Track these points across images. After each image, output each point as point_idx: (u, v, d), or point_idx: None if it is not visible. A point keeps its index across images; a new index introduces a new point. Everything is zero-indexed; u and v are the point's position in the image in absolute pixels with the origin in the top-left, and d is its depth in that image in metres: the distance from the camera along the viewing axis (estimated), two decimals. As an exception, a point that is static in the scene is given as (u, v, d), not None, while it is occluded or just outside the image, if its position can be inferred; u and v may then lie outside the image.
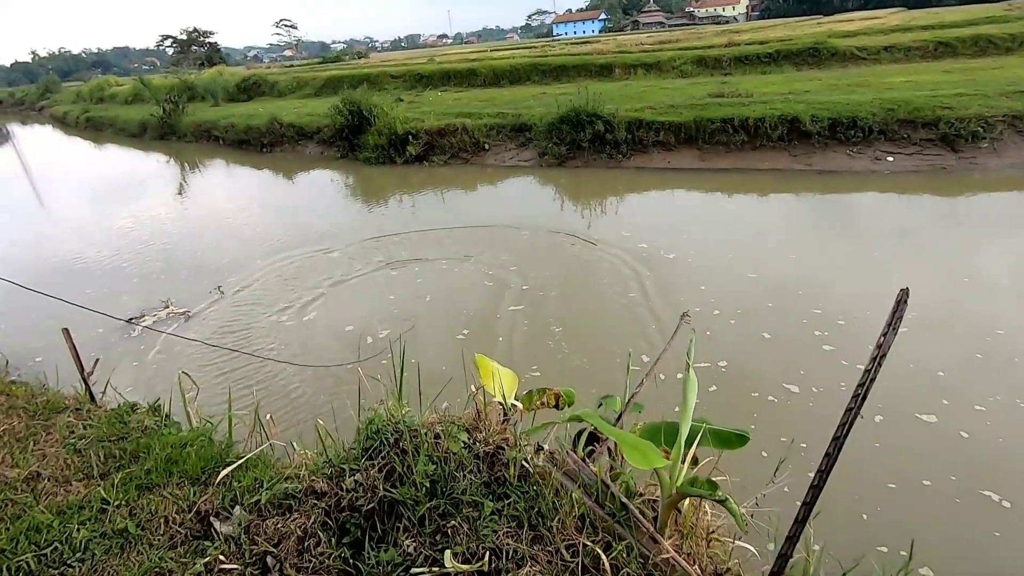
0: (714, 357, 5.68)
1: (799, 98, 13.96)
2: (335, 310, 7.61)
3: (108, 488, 2.79)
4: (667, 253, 8.44)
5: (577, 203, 11.93)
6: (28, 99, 61.03)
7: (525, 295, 7.52)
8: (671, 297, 7.08)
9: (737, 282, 7.35)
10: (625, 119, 14.08)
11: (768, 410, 4.91)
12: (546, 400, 2.50)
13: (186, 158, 22.35)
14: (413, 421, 2.34)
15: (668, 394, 5.03)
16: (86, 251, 11.28)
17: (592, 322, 6.77)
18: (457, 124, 16.22)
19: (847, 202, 10.55)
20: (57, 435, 3.30)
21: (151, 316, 7.72)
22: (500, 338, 6.47)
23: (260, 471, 2.65)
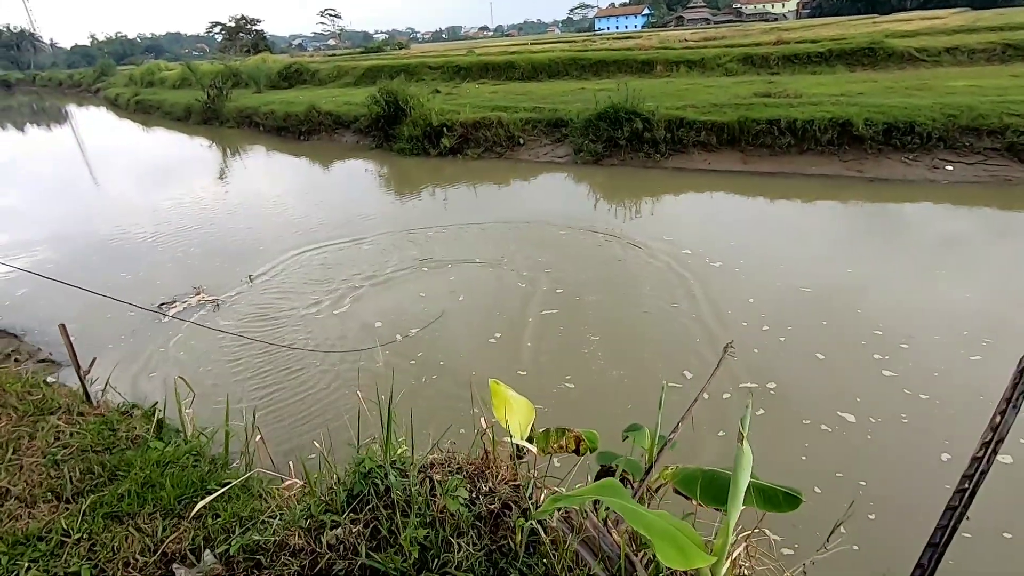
0: (762, 377, 5.28)
1: (852, 100, 13.26)
2: (364, 305, 7.47)
3: (74, 515, 2.60)
4: (713, 261, 7.97)
5: (614, 203, 11.56)
6: (85, 81, 63.41)
7: (560, 298, 7.23)
8: (718, 309, 6.65)
9: (788, 296, 6.89)
10: (665, 117, 13.63)
11: (821, 441, 4.50)
12: (565, 444, 2.24)
13: (227, 143, 22.76)
14: (408, 463, 2.11)
15: (708, 415, 4.74)
16: (129, 229, 11.58)
17: (631, 332, 6.39)
18: (493, 118, 16.01)
19: (904, 213, 9.92)
20: (41, 442, 3.16)
21: (182, 302, 7.75)
22: (530, 344, 6.21)
23: (241, 504, 2.45)
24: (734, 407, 4.89)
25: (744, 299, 6.83)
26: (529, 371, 5.68)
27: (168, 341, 6.89)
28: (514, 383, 5.35)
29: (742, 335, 6.03)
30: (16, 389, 3.89)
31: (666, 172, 13.04)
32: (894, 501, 3.87)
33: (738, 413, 4.73)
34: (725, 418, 4.75)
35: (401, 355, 6.17)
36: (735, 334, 6.05)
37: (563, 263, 8.32)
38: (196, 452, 3.14)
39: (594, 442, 2.26)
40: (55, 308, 8.06)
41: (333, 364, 6.08)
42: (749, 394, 1.64)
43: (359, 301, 7.57)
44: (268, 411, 5.35)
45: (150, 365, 6.41)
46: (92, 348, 6.92)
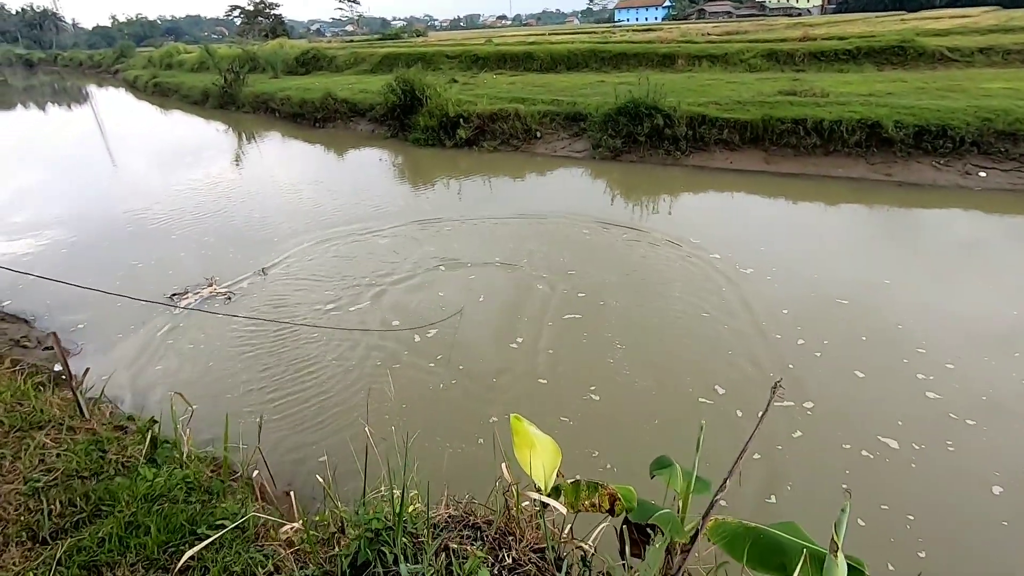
0: (799, 395, 5.02)
1: (881, 101, 12.84)
2: (380, 302, 7.30)
3: (47, 563, 2.34)
4: (743, 267, 7.64)
5: (635, 201, 11.24)
6: (105, 62, 63.79)
7: (583, 303, 6.97)
8: (750, 319, 6.35)
9: (824, 308, 6.56)
10: (686, 114, 13.31)
11: (862, 468, 4.26)
12: (598, 502, 2.04)
13: (243, 128, 22.71)
14: (420, 524, 1.91)
15: (743, 434, 4.47)
16: (145, 213, 11.64)
17: (659, 341, 6.12)
18: (510, 109, 15.76)
19: (938, 221, 9.50)
20: (24, 463, 2.95)
21: (194, 293, 7.66)
22: (551, 351, 5.98)
23: (233, 555, 2.24)
24: (772, 426, 4.65)
25: (777, 310, 6.53)
26: (550, 380, 5.48)
27: (178, 333, 6.81)
28: (535, 391, 5.23)
29: (776, 348, 5.78)
30: (6, 400, 3.71)
31: (686, 170, 12.74)
32: (946, 539, 3.65)
33: (775, 433, 4.52)
34: (759, 438, 4.49)
35: (421, 355, 6.02)
36: (769, 347, 5.81)
37: (585, 265, 8.06)
38: (189, 481, 2.93)
39: (631, 502, 2.06)
40: (67, 294, 8.02)
41: (348, 362, 5.94)
42: (846, 495, 1.41)
43: (374, 298, 7.40)
44: (277, 409, 5.23)
45: (156, 359, 6.32)
46: (100, 338, 6.90)
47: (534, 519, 2.10)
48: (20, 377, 4.47)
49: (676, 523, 2.09)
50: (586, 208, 10.56)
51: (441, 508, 2.16)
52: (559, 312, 6.76)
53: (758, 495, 4.02)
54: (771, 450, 4.42)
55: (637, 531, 2.28)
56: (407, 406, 5.13)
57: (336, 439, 4.69)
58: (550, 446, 2.16)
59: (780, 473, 4.19)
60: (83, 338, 6.93)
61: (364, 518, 1.93)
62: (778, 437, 4.53)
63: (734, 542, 2.02)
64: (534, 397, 5.24)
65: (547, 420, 4.81)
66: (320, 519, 2.36)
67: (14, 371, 4.77)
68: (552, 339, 6.19)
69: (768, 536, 2.03)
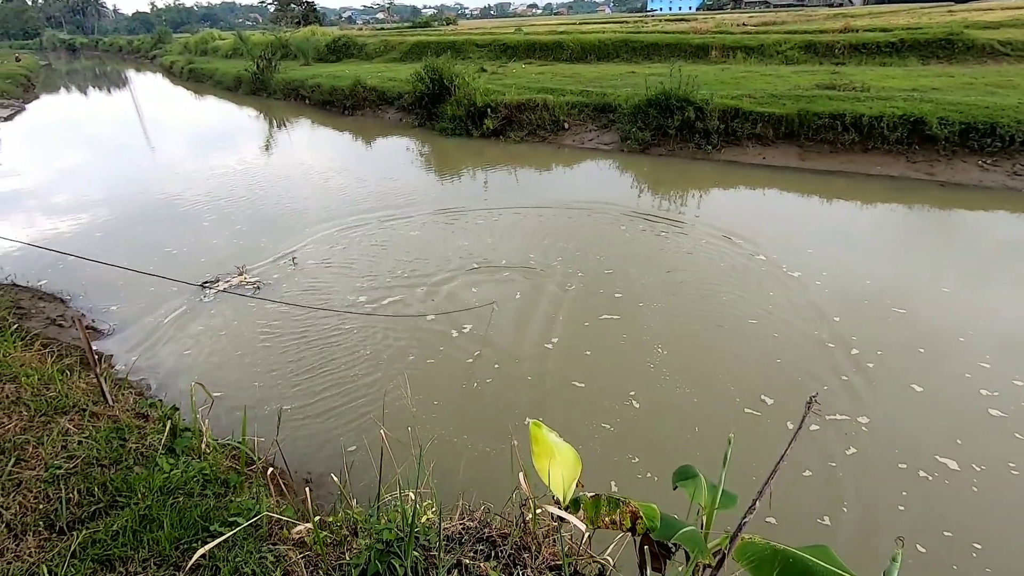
0: (853, 410, 4.77)
1: (926, 96, 12.31)
2: (412, 296, 7.20)
3: (63, 555, 2.35)
4: (791, 271, 7.28)
5: (667, 196, 10.92)
6: (143, 48, 65.31)
7: (620, 304, 6.71)
8: (800, 327, 6.04)
9: (880, 316, 6.21)
10: (719, 107, 12.95)
11: (920, 490, 4.02)
12: (619, 519, 1.94)
13: (274, 115, 22.97)
14: (433, 535, 1.86)
15: (793, 449, 4.32)
16: (179, 197, 11.87)
17: (703, 348, 5.84)
18: (538, 100, 15.58)
19: (991, 225, 8.99)
20: (46, 450, 2.99)
21: (225, 281, 7.72)
22: (588, 352, 5.79)
23: (244, 554, 2.22)
24: (825, 442, 4.44)
25: (829, 317, 6.21)
26: (588, 383, 5.30)
27: (207, 321, 6.90)
28: (572, 395, 5.10)
29: (829, 358, 5.50)
30: (33, 383, 3.78)
31: (717, 165, 12.42)
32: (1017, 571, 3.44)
33: (828, 449, 4.32)
34: (811, 454, 4.32)
35: (452, 351, 5.92)
36: (821, 357, 5.53)
37: (623, 264, 7.79)
38: (206, 473, 2.93)
39: (653, 521, 1.96)
40: (103, 276, 8.23)
41: (375, 355, 5.92)
42: (898, 543, 1.30)
43: (405, 291, 7.33)
44: (299, 399, 5.26)
45: (183, 345, 6.41)
46: (132, 321, 7.05)
47: (551, 533, 2.02)
48: (49, 360, 4.56)
49: (700, 543, 1.99)
50: (619, 202, 10.34)
51: (456, 518, 2.09)
52: (596, 312, 6.54)
53: (811, 515, 3.83)
54: (824, 467, 4.21)
55: (659, 546, 2.19)
56: (437, 403, 5.07)
57: (355, 433, 4.69)
58: (570, 455, 2.08)
59: (834, 494, 4.00)
60: (115, 320, 7.08)
61: (376, 527, 1.88)
62: (832, 453, 4.35)
63: (761, 566, 1.92)
64: (571, 401, 5.10)
65: (586, 425, 4.68)
66: (333, 520, 2.32)
67: (44, 353, 4.88)
68: (589, 341, 5.99)
69: (798, 560, 1.92)
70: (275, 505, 2.80)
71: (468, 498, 2.30)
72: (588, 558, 2.01)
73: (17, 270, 8.37)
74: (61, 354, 5.13)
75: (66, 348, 5.80)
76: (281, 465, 3.66)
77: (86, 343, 3.46)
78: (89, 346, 3.49)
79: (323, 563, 2.01)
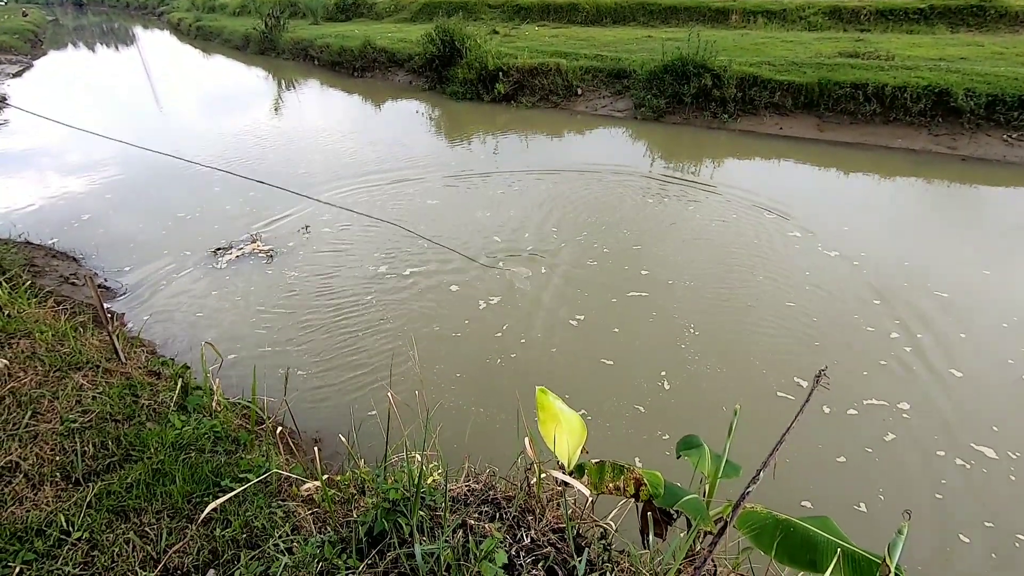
0: (892, 395, 4.69)
1: (952, 66, 11.88)
2: (428, 270, 7.05)
3: (79, 504, 2.42)
4: (827, 249, 7.12)
5: (682, 164, 10.73)
6: (150, 3, 63.98)
7: (647, 280, 6.58)
8: (838, 308, 5.89)
9: (920, 299, 6.06)
10: (737, 74, 12.60)
11: (959, 479, 3.98)
12: (623, 486, 1.95)
13: (283, 75, 22.62)
14: (439, 496, 1.87)
15: (830, 433, 4.27)
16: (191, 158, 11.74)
17: (736, 329, 5.68)
18: (551, 64, 15.21)
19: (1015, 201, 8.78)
20: (61, 404, 3.06)
21: (237, 249, 7.69)
22: (617, 329, 5.70)
23: (255, 509, 2.27)
24: (862, 427, 4.39)
25: (868, 299, 6.08)
26: (617, 362, 5.22)
27: (219, 284, 6.94)
28: (601, 374, 5.05)
29: (868, 342, 5.40)
30: (47, 340, 3.83)
31: (733, 135, 12.15)
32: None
33: (865, 435, 4.28)
34: (848, 440, 4.27)
35: (480, 322, 5.82)
36: (859, 340, 5.43)
37: (648, 237, 7.61)
38: (217, 430, 2.98)
39: (657, 488, 1.98)
40: (115, 236, 8.30)
41: (396, 322, 5.93)
42: (904, 516, 1.28)
43: (422, 264, 7.16)
44: (310, 360, 5.32)
45: (195, 307, 6.47)
46: (144, 282, 7.11)
47: (555, 497, 2.05)
48: (63, 317, 4.62)
49: (703, 510, 2.02)
50: (640, 170, 10.15)
51: (461, 480, 2.12)
52: (622, 289, 6.43)
53: (847, 501, 3.82)
54: (860, 453, 4.19)
55: (661, 512, 2.22)
56: (460, 375, 5.06)
57: (365, 399, 4.74)
58: (576, 422, 2.09)
59: (870, 479, 3.99)
60: (128, 280, 7.14)
61: (383, 486, 1.92)
62: (868, 439, 4.30)
63: (763, 534, 1.95)
64: (600, 379, 5.02)
65: (616, 404, 4.64)
66: (341, 479, 2.37)
67: (58, 310, 4.94)
68: (616, 318, 5.85)
69: (800, 530, 1.95)
70: (284, 463, 2.86)
71: (474, 462, 2.33)
72: (591, 522, 2.04)
73: (30, 228, 8.43)
74: (74, 311, 5.20)
75: (79, 306, 5.87)
76: (290, 425, 3.72)
77: (98, 301, 3.50)
78: (101, 304, 3.52)
79: (331, 520, 2.06)
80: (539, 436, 2.10)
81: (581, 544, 1.86)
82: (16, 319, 4.04)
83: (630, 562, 1.82)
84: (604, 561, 1.78)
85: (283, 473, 2.46)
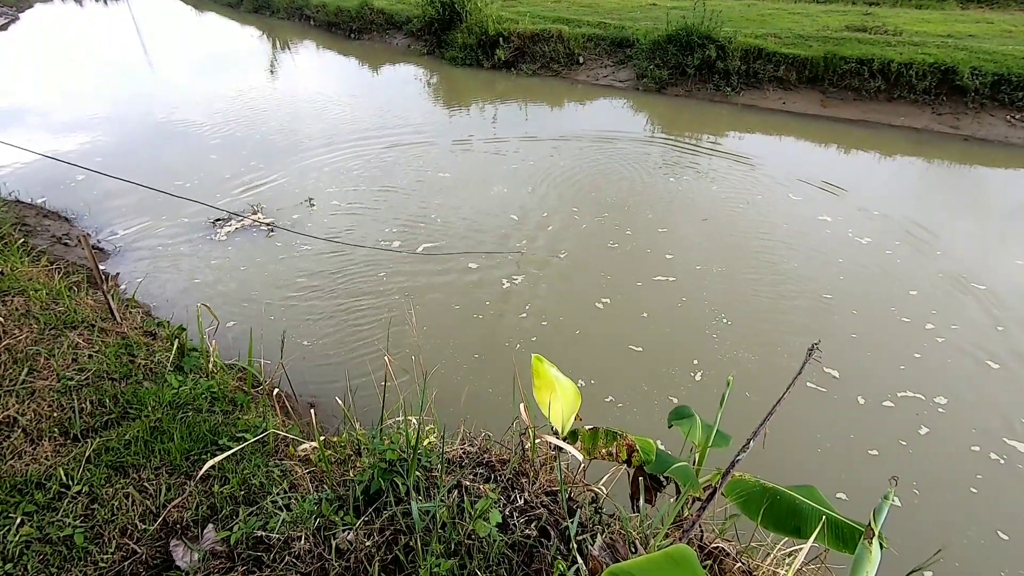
0: (928, 387, 4.59)
1: (960, 44, 11.70)
2: (446, 246, 6.83)
3: (78, 459, 2.44)
4: (859, 236, 6.89)
5: (689, 139, 10.59)
6: (138, -44, 61.76)
7: (675, 265, 6.36)
8: (875, 300, 5.72)
9: (954, 289, 5.91)
10: (741, 46, 12.36)
11: (993, 473, 3.92)
12: (616, 452, 1.98)
13: (278, 35, 22.06)
14: (435, 457, 1.90)
15: (864, 426, 4.21)
16: (181, 122, 11.54)
17: (767, 319, 5.47)
18: (553, 31, 14.88)
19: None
20: (57, 362, 3.05)
21: (238, 221, 7.47)
22: (645, 314, 5.51)
23: (252, 468, 2.30)
24: (896, 420, 4.34)
25: (903, 291, 5.88)
26: (646, 348, 5.08)
27: (216, 251, 6.88)
28: (630, 359, 4.95)
29: (903, 333, 5.30)
30: (42, 298, 3.80)
31: (735, 109, 12.00)
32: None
33: (899, 427, 4.22)
34: (881, 432, 4.21)
35: (503, 303, 5.68)
36: (895, 331, 5.32)
37: (674, 218, 7.35)
38: (214, 391, 2.99)
39: (649, 454, 2.02)
40: (106, 198, 8.19)
41: (385, 289, 5.89)
42: (891, 483, 1.29)
43: (434, 241, 6.92)
44: (308, 329, 5.32)
45: (191, 272, 6.43)
46: (137, 244, 7.05)
47: (549, 462, 2.09)
48: (57, 276, 4.59)
49: (692, 477, 2.06)
50: (660, 147, 9.98)
51: (456, 444, 2.16)
52: (647, 272, 6.22)
53: (876, 494, 3.74)
54: (894, 446, 4.14)
55: (651, 479, 2.27)
56: (478, 356, 4.95)
57: (359, 363, 4.76)
58: (570, 389, 2.12)
59: (904, 473, 3.92)
60: (121, 243, 7.08)
61: (379, 447, 1.95)
62: (903, 432, 4.24)
63: (750, 501, 2.00)
64: (630, 366, 4.89)
65: (647, 393, 4.56)
66: (338, 440, 2.40)
67: (51, 269, 4.90)
68: (644, 302, 5.68)
69: (786, 498, 2.00)
70: (281, 424, 2.89)
71: (468, 426, 2.37)
72: (583, 486, 2.08)
73: (20, 187, 8.31)
74: (67, 271, 5.16)
75: (72, 266, 5.83)
76: (286, 389, 3.74)
77: (92, 260, 3.47)
78: (96, 263, 3.50)
79: (327, 479, 2.10)
80: (534, 403, 2.13)
81: (573, 507, 1.91)
82: (9, 276, 4.02)
83: (620, 525, 1.87)
84: (595, 523, 1.83)
85: (280, 433, 2.50)
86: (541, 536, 1.82)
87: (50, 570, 2.07)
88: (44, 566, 2.08)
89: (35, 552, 2.12)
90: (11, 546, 2.12)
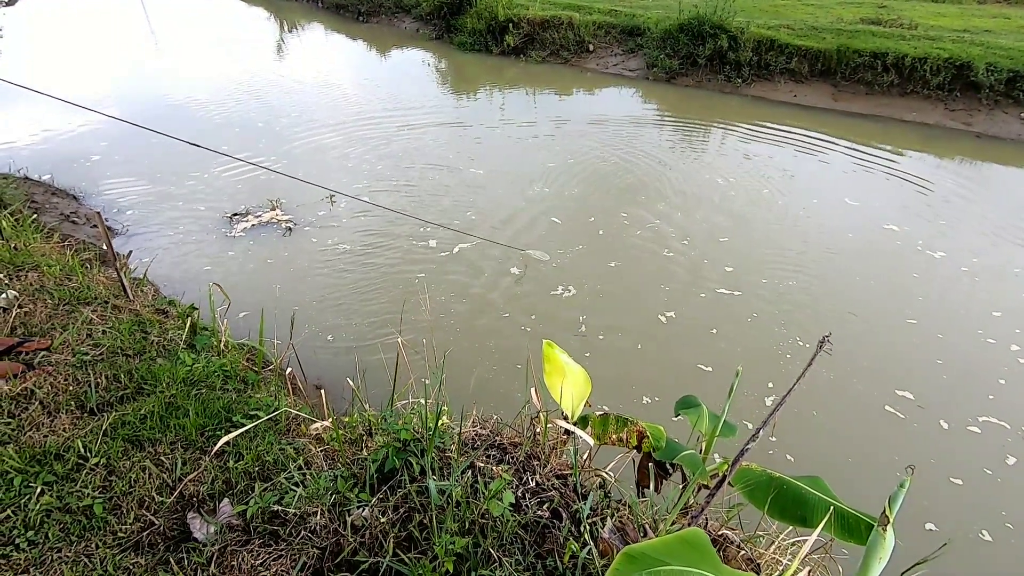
0: (1014, 416, 4.31)
1: (976, 39, 11.56)
2: (459, 240, 6.65)
3: (95, 432, 2.48)
4: (932, 250, 6.61)
5: (700, 133, 10.53)
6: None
7: (738, 278, 6.13)
8: (962, 321, 5.49)
9: (1010, 293, 5.71)
10: (754, 36, 12.24)
11: None
12: (626, 437, 2.01)
13: (286, 17, 21.89)
14: (448, 438, 1.92)
15: (944, 453, 4.08)
16: (189, 104, 11.49)
17: (842, 340, 5.16)
18: (563, 17, 14.74)
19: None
20: (72, 336, 3.09)
21: (255, 216, 7.24)
22: (713, 331, 5.34)
23: (266, 444, 2.33)
24: (979, 448, 4.14)
25: (986, 311, 5.63)
26: (715, 368, 4.88)
27: (230, 236, 6.83)
28: (697, 379, 4.71)
29: (987, 355, 5.09)
30: (55, 274, 3.82)
31: (745, 100, 11.91)
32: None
33: (985, 456, 4.05)
34: (964, 461, 4.03)
35: (558, 313, 5.54)
36: (978, 353, 5.11)
37: (737, 227, 7.12)
38: (226, 370, 3.02)
39: (659, 440, 2.04)
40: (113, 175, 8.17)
41: (406, 275, 5.89)
42: (908, 471, 1.27)
43: (460, 243, 6.63)
44: (321, 310, 5.33)
45: (200, 253, 6.42)
46: (147, 223, 7.07)
47: (559, 446, 2.11)
48: (69, 252, 4.62)
49: (700, 465, 2.08)
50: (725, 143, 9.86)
51: (469, 426, 2.18)
52: (709, 284, 5.97)
53: (964, 526, 3.62)
54: (978, 475, 3.95)
55: (658, 466, 2.29)
56: (432, 343, 4.92)
57: (372, 348, 4.76)
58: (581, 376, 2.14)
59: (990, 504, 3.75)
60: (130, 221, 7.10)
61: (393, 427, 1.98)
62: (987, 460, 4.04)
63: (757, 491, 2.02)
64: (698, 386, 4.65)
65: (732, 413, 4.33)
66: (349, 420, 2.43)
67: (63, 246, 4.93)
68: (710, 317, 5.46)
69: (792, 488, 2.02)
70: (292, 403, 2.93)
71: (479, 410, 2.39)
72: (591, 471, 2.11)
73: (28, 164, 8.31)
74: (78, 249, 5.19)
75: (82, 244, 5.86)
76: (296, 370, 3.77)
77: (106, 238, 3.49)
78: (109, 241, 3.53)
79: (340, 457, 2.13)
80: (545, 389, 2.15)
81: (583, 491, 1.94)
82: (23, 252, 4.04)
83: (629, 510, 1.90)
84: (605, 507, 1.86)
85: (292, 412, 2.53)
86: (553, 517, 1.85)
87: (71, 538, 2.12)
88: (65, 534, 2.13)
89: (56, 521, 2.16)
90: (32, 514, 2.16)
